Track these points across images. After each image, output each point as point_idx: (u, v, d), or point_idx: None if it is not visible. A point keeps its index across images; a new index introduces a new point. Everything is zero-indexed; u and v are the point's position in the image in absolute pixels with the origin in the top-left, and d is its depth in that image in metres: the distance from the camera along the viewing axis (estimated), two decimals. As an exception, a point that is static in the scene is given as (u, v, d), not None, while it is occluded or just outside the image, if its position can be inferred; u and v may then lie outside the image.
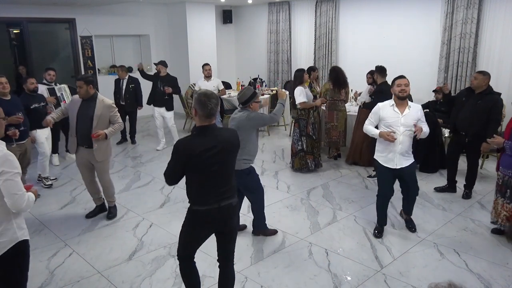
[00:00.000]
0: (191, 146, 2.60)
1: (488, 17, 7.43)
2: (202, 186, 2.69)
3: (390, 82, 5.81)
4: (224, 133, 2.77)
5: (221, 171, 2.69)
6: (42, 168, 5.81)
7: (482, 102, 4.85)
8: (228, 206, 2.74)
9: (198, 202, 2.70)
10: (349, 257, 3.89)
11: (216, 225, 2.78)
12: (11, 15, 8.34)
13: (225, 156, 2.69)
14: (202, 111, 2.60)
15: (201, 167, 2.62)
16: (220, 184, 2.71)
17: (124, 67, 8.04)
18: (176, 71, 10.69)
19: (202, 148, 2.58)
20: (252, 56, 11.65)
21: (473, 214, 4.76)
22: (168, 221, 4.70)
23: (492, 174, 5.98)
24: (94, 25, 9.44)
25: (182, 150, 2.60)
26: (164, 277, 3.60)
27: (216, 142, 2.64)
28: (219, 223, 2.77)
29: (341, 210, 4.93)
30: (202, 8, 10.27)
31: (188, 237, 2.85)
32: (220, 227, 2.80)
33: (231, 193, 2.78)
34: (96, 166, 4.62)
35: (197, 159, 2.59)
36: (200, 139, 2.64)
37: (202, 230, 2.80)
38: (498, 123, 5.04)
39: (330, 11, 9.58)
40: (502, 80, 7.18)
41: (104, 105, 4.48)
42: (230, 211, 2.77)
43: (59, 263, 3.84)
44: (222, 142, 2.66)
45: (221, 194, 2.70)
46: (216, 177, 2.68)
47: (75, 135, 4.49)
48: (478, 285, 3.43)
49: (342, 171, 6.33)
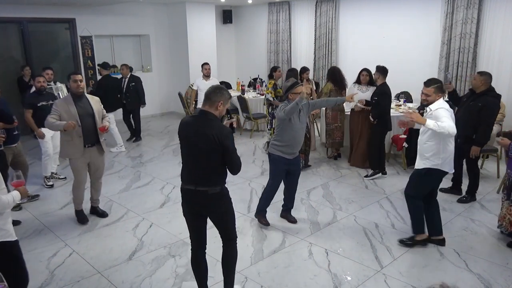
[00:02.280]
0: (181, 123, 2.96)
1: (488, 17, 7.43)
2: (184, 166, 3.00)
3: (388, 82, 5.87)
4: (213, 126, 2.83)
5: (196, 158, 2.88)
6: (44, 168, 5.82)
7: (475, 103, 4.76)
8: (204, 192, 2.88)
9: (182, 180, 3.00)
10: (349, 257, 3.89)
11: (196, 205, 2.98)
12: (11, 15, 8.34)
13: (200, 145, 2.84)
14: (205, 95, 2.89)
15: (183, 146, 2.95)
16: (196, 170, 2.90)
17: (126, 66, 8.07)
18: (176, 71, 10.75)
19: (185, 129, 2.91)
20: (252, 56, 11.65)
21: (473, 214, 4.76)
22: (168, 221, 4.70)
23: (492, 174, 5.98)
24: (94, 25, 9.44)
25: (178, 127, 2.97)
26: (164, 277, 3.60)
27: (199, 128, 2.85)
28: (197, 205, 2.98)
29: (341, 210, 4.93)
30: (202, 8, 10.27)
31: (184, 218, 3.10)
32: (200, 209, 3.00)
33: (209, 183, 2.89)
34: (96, 164, 4.62)
35: (180, 136, 2.95)
36: (191, 120, 2.95)
37: (185, 206, 3.04)
38: (488, 126, 4.75)
39: (330, 11, 9.58)
40: (502, 80, 7.17)
41: (95, 101, 4.55)
42: (207, 197, 2.90)
43: (59, 263, 3.84)
44: (202, 131, 2.82)
45: (196, 179, 2.89)
46: (193, 161, 2.91)
47: (81, 135, 4.41)
48: (478, 285, 3.43)
49: (342, 171, 6.33)
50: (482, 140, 4.78)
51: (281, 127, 4.25)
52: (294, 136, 4.25)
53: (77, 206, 4.73)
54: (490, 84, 4.81)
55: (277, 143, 4.31)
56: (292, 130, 4.21)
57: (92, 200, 4.87)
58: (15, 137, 4.85)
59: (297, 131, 4.25)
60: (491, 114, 4.75)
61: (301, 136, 4.35)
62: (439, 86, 3.79)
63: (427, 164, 3.80)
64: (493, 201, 5.10)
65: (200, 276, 3.15)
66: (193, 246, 3.11)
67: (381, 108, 5.75)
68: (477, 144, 4.79)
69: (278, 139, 4.30)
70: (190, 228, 3.09)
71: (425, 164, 3.82)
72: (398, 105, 7.16)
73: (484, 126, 4.72)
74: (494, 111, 4.79)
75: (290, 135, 4.22)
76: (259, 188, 5.55)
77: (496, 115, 4.90)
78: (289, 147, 4.26)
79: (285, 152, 4.29)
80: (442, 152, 3.74)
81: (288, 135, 4.22)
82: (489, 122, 4.75)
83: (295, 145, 4.31)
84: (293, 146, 4.29)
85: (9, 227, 2.64)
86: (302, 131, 4.33)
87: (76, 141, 4.42)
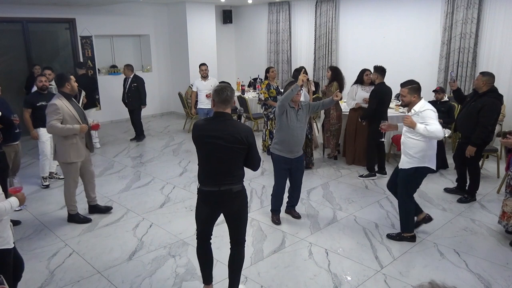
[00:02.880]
0: (196, 127, 2.94)
1: (488, 17, 7.43)
2: (204, 168, 2.97)
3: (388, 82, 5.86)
4: (235, 125, 2.91)
5: (220, 158, 2.88)
6: (41, 168, 5.81)
7: (476, 103, 4.76)
8: (229, 191, 2.93)
9: (202, 182, 2.99)
10: (349, 257, 3.89)
11: (218, 206, 3.02)
12: (11, 15, 8.34)
13: (225, 145, 2.84)
14: (218, 97, 2.87)
15: (203, 149, 2.92)
16: (220, 170, 2.91)
17: (129, 66, 8.08)
18: (176, 71, 10.75)
19: (205, 132, 2.87)
20: (252, 56, 11.65)
21: (473, 214, 4.76)
22: (168, 221, 4.70)
23: (492, 174, 5.98)
24: (94, 25, 9.44)
25: (192, 131, 2.96)
26: (164, 277, 3.60)
27: (221, 129, 2.85)
28: (220, 205, 3.01)
29: (341, 210, 4.93)
30: (202, 8, 10.27)
31: (196, 215, 3.11)
32: (221, 208, 3.04)
33: (234, 180, 2.94)
34: (89, 163, 4.68)
35: (199, 140, 2.90)
36: (208, 122, 2.93)
37: (204, 207, 3.04)
38: (485, 126, 4.70)
39: (330, 11, 9.58)
40: (502, 80, 7.17)
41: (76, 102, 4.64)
42: (232, 196, 2.95)
43: (59, 263, 3.83)
44: (226, 132, 2.84)
45: (220, 180, 2.91)
46: (216, 162, 2.89)
47: (83, 136, 4.48)
48: (478, 285, 3.43)
49: (342, 171, 6.33)
50: (477, 140, 4.77)
51: (279, 125, 4.27)
52: (292, 134, 4.23)
53: (74, 209, 4.69)
54: (493, 85, 4.77)
55: (275, 141, 4.35)
56: (289, 128, 4.21)
57: (91, 198, 4.86)
58: (17, 135, 4.85)
59: (294, 129, 4.23)
60: (489, 115, 4.71)
61: (300, 136, 4.31)
62: (415, 87, 3.85)
63: (414, 163, 3.86)
64: (493, 201, 5.10)
65: (208, 264, 3.22)
66: (200, 239, 3.16)
67: (371, 105, 5.72)
68: (472, 144, 4.80)
69: (276, 138, 4.34)
70: (203, 224, 3.12)
71: (412, 163, 3.88)
72: (398, 105, 7.15)
73: (480, 126, 4.72)
74: (493, 112, 4.74)
75: (287, 134, 4.23)
76: (259, 188, 5.55)
77: (496, 116, 4.81)
78: (287, 145, 4.27)
79: (284, 151, 4.30)
80: (428, 149, 3.81)
81: (285, 134, 4.23)
82: (486, 122, 4.71)
83: (293, 144, 4.29)
84: (291, 144, 4.27)
85: (7, 235, 2.60)
86: (300, 130, 4.30)
87: (80, 143, 4.43)
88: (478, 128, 4.72)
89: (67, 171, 4.52)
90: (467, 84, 7.67)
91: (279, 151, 4.31)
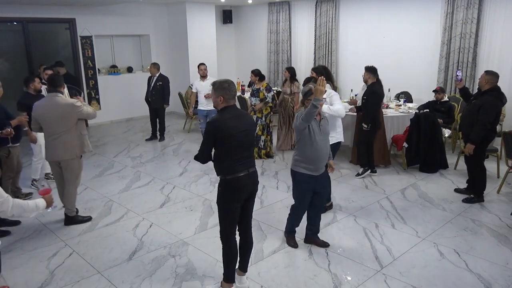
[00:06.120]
0: (221, 122, 3.01)
1: (488, 17, 7.43)
2: (233, 158, 3.06)
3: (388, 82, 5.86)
4: (246, 113, 3.35)
5: (247, 145, 3.14)
6: (34, 171, 5.71)
7: (476, 102, 4.78)
8: (254, 173, 3.22)
9: (231, 172, 3.07)
10: (349, 257, 3.88)
11: (248, 189, 3.17)
12: (11, 15, 8.34)
13: (251, 134, 3.18)
14: (229, 93, 3.04)
15: (233, 142, 3.03)
16: (247, 155, 3.13)
17: (156, 64, 8.09)
18: (176, 71, 10.74)
19: (235, 127, 3.02)
20: (252, 56, 11.65)
21: (473, 214, 4.76)
22: (168, 221, 4.70)
23: (492, 174, 5.97)
24: (94, 25, 9.44)
25: (215, 128, 3.00)
26: (164, 277, 3.60)
27: (244, 120, 3.13)
28: (250, 188, 3.19)
29: (341, 210, 4.93)
30: (202, 8, 10.27)
31: (228, 213, 3.16)
32: (249, 191, 3.19)
33: (253, 162, 3.23)
34: None
35: (231, 135, 3.00)
36: (232, 117, 3.04)
37: (237, 195, 3.12)
38: (483, 124, 4.67)
39: (330, 11, 9.58)
40: (502, 80, 7.03)
41: None
42: (256, 176, 3.25)
43: (59, 263, 3.83)
44: (248, 121, 3.18)
45: (249, 163, 3.15)
46: (245, 150, 3.11)
47: None
48: (478, 285, 3.43)
49: (342, 171, 6.33)
50: (475, 138, 4.76)
51: (301, 140, 3.77)
52: (316, 149, 3.74)
53: (75, 209, 4.67)
54: (496, 84, 4.76)
55: (297, 158, 3.83)
56: (313, 142, 3.72)
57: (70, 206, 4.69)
58: (20, 137, 4.86)
59: (319, 143, 3.74)
60: (488, 113, 4.67)
61: (325, 149, 3.82)
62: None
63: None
64: (493, 201, 5.09)
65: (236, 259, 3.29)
66: (233, 235, 3.21)
67: (370, 106, 5.69)
68: (471, 141, 4.81)
69: (298, 155, 3.82)
70: (234, 217, 3.18)
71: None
72: (398, 105, 7.16)
73: (479, 124, 4.71)
74: (491, 110, 4.69)
75: (312, 149, 3.73)
76: (259, 188, 5.53)
77: (495, 115, 4.75)
78: (312, 162, 3.78)
79: (309, 169, 3.79)
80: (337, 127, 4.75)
81: (309, 149, 3.74)
82: (485, 120, 4.68)
83: (320, 159, 3.80)
84: (317, 160, 3.79)
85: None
86: (325, 143, 3.83)
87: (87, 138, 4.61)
88: (477, 126, 4.72)
89: (78, 165, 4.49)
90: (467, 84, 7.65)
91: (304, 169, 3.80)
